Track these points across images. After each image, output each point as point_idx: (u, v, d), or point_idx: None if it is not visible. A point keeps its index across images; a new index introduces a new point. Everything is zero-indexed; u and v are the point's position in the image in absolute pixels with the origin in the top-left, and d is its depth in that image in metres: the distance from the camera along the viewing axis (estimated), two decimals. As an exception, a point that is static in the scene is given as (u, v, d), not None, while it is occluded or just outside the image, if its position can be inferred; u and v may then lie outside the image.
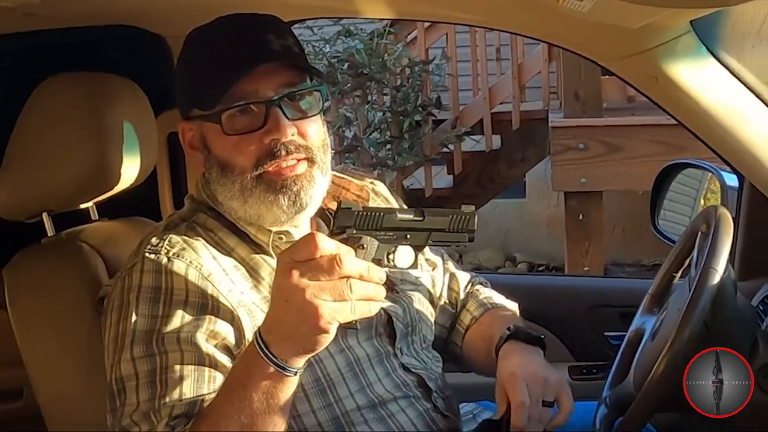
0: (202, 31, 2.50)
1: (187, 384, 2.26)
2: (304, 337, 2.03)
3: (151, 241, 2.44)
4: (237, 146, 2.42)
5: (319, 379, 2.45)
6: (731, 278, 2.45)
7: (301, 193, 2.45)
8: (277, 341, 2.06)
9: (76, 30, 3.32)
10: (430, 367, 2.71)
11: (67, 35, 3.35)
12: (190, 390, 2.26)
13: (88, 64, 3.02)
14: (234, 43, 2.42)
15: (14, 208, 2.93)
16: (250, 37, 2.44)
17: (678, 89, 2.99)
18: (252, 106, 2.41)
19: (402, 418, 2.56)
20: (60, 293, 2.78)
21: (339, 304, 1.98)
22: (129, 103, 3.00)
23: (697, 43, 2.96)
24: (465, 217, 2.22)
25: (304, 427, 2.45)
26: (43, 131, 2.86)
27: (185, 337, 2.31)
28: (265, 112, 2.40)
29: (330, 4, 3.46)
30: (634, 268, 9.94)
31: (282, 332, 2.05)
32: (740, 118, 2.98)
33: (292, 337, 2.05)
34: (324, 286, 1.96)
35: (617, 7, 2.46)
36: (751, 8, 3.08)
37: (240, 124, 2.41)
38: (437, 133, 10.46)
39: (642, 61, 2.99)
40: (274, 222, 2.50)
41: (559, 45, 3.39)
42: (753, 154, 2.97)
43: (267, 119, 2.40)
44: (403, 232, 2.18)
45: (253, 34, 2.44)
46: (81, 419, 2.73)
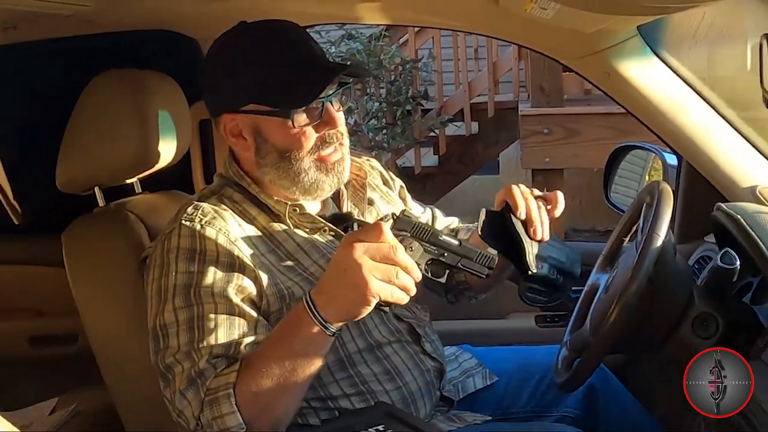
0: (249, 38, 2.48)
1: (221, 330, 2.29)
2: (350, 305, 2.16)
3: (187, 211, 2.45)
4: (297, 137, 2.43)
5: None
6: (671, 242, 2.45)
7: (342, 174, 2.53)
8: (325, 303, 2.17)
9: (123, 34, 3.33)
10: (419, 317, 2.70)
11: (115, 38, 3.37)
12: (224, 335, 2.29)
13: (132, 63, 3.01)
14: (300, 53, 2.45)
15: (72, 182, 2.95)
16: (311, 49, 2.47)
17: (627, 84, 3.01)
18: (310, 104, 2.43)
19: (395, 359, 2.57)
20: (109, 255, 2.79)
21: (385, 285, 2.12)
22: (166, 95, 3.00)
23: (643, 44, 2.98)
24: (489, 256, 2.32)
25: None
26: (95, 119, 2.88)
27: (218, 291, 2.33)
28: (322, 108, 2.43)
29: (335, 13, 3.46)
30: (590, 233, 9.92)
31: (331, 296, 2.18)
32: (679, 108, 2.99)
33: (339, 302, 2.17)
34: (378, 266, 2.10)
35: (575, 14, 2.48)
36: (688, 16, 3.09)
37: (302, 119, 2.43)
38: (425, 120, 10.56)
39: (596, 60, 3.01)
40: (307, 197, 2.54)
41: (527, 46, 3.39)
42: (690, 138, 2.99)
43: (323, 113, 2.43)
44: (443, 250, 2.31)
45: (309, 46, 2.47)
46: (127, 359, 2.73)
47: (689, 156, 3.02)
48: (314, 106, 2.43)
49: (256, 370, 2.23)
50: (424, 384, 2.61)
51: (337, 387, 2.50)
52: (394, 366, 2.56)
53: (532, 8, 2.51)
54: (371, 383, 2.52)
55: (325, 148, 2.46)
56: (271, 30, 2.48)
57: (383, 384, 2.53)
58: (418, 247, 2.29)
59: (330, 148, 2.47)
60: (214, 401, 2.23)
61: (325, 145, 2.46)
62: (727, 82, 3.10)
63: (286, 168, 2.47)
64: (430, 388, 2.63)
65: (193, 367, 2.28)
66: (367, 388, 2.51)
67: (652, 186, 2.50)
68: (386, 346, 2.57)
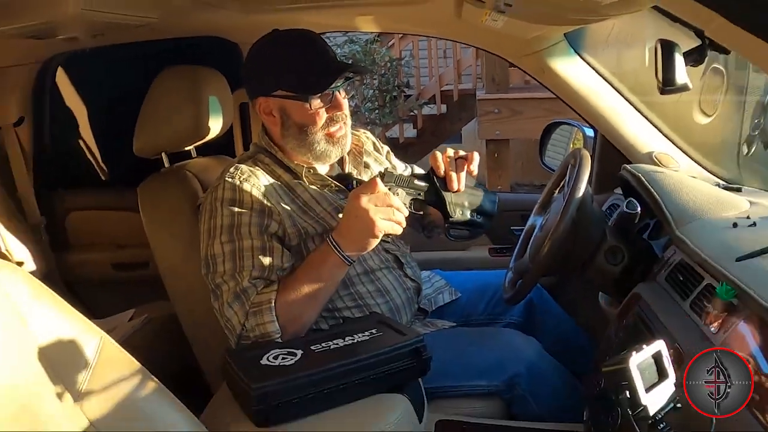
0: (280, 42, 2.49)
1: (257, 259, 2.35)
2: (363, 240, 2.30)
3: (230, 170, 2.47)
4: (313, 116, 2.45)
5: None
6: (589, 193, 2.44)
7: (345, 146, 2.54)
8: (345, 241, 2.32)
9: (182, 39, 3.33)
10: (402, 250, 2.73)
11: (176, 42, 3.36)
12: (259, 263, 2.35)
13: (189, 60, 3.01)
14: (317, 54, 2.46)
15: (145, 149, 2.96)
16: (326, 51, 2.48)
17: (557, 76, 3.00)
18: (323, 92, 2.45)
19: (385, 281, 2.60)
20: (172, 203, 2.79)
21: (387, 222, 2.26)
22: (214, 85, 3.00)
23: (568, 47, 2.98)
24: None
25: None
26: (162, 102, 2.90)
27: (254, 230, 2.37)
28: (332, 95, 2.45)
29: (340, 23, 3.47)
30: (529, 187, 9.90)
31: (349, 236, 2.31)
32: (595, 94, 2.99)
33: (356, 239, 2.31)
34: (379, 209, 2.24)
35: (518, 24, 2.49)
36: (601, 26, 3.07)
37: (317, 103, 2.44)
38: (407, 103, 10.64)
39: (534, 58, 3.00)
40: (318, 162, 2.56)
41: (483, 48, 3.37)
42: (603, 116, 2.99)
43: (332, 99, 2.45)
44: (419, 190, 2.43)
45: (324, 49, 2.48)
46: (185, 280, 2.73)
47: (603, 129, 3.02)
48: (326, 94, 2.44)
49: (291, 290, 2.32)
50: (406, 299, 2.63)
51: (341, 301, 2.54)
52: (384, 286, 2.59)
53: (486, 20, 2.55)
54: (366, 298, 2.56)
55: (332, 126, 2.47)
56: (297, 35, 2.48)
57: (375, 299, 2.57)
58: (401, 192, 2.38)
59: (336, 126, 2.48)
60: (258, 312, 2.30)
61: (333, 123, 2.47)
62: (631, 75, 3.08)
63: (303, 139, 2.48)
64: (410, 302, 2.66)
65: (237, 285, 2.33)
66: (363, 302, 2.55)
67: (575, 152, 2.49)
68: (378, 270, 2.60)
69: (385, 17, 3.27)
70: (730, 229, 2.15)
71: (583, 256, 2.46)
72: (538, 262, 2.39)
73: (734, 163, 2.93)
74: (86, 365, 1.77)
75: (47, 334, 1.72)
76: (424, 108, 10.63)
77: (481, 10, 2.47)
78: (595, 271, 2.48)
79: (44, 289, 1.79)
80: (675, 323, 2.02)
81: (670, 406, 1.44)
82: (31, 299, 1.73)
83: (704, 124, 3.00)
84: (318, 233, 2.46)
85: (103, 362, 1.79)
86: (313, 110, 2.44)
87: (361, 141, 2.79)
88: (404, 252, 2.74)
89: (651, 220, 2.64)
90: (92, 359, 1.78)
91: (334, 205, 2.51)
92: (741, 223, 2.16)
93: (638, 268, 2.45)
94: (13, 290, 1.70)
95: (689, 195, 2.40)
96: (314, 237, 2.47)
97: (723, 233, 2.14)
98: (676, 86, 2.02)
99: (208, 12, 2.82)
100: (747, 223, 2.17)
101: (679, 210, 2.34)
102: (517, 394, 2.46)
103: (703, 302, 1.96)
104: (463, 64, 10.21)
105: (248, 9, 2.83)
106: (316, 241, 2.46)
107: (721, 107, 2.98)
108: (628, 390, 1.39)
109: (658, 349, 1.45)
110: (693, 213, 2.32)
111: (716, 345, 1.79)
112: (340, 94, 2.48)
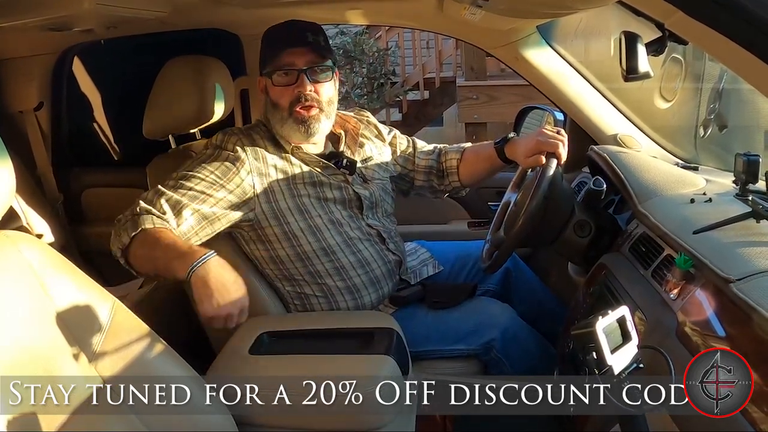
0: (274, 29, 2.53)
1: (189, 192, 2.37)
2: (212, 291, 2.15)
3: (224, 129, 2.56)
4: (281, 94, 2.48)
5: (310, 227, 2.49)
6: (560, 171, 2.45)
7: (311, 126, 2.49)
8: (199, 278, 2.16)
9: (188, 31, 3.32)
10: (387, 226, 2.69)
11: (183, 34, 3.36)
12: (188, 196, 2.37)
13: (194, 51, 3.03)
14: (288, 36, 2.48)
15: (153, 131, 2.98)
16: (297, 33, 2.48)
17: (530, 65, 3.00)
18: (289, 71, 2.47)
19: (366, 253, 2.58)
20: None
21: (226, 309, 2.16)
22: (217, 73, 3.01)
23: (540, 38, 2.98)
24: None
25: (306, 254, 2.51)
26: (170, 89, 2.93)
27: (211, 177, 2.40)
28: (297, 75, 2.45)
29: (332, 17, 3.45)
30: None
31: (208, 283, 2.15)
32: (564, 81, 2.99)
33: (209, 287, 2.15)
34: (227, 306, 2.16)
35: (494, 17, 2.48)
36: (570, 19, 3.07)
37: (284, 81, 2.47)
38: (393, 90, 10.57)
39: (509, 48, 3.00)
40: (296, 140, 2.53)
41: (462, 39, 3.37)
42: (572, 101, 2.99)
43: (297, 80, 2.45)
44: None
45: (299, 32, 2.48)
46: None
47: (571, 113, 3.02)
48: (292, 74, 2.47)
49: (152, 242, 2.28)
50: (386, 271, 2.62)
51: (325, 270, 2.53)
52: (365, 257, 2.58)
53: (465, 14, 2.54)
54: (348, 270, 2.55)
55: (298, 105, 2.47)
56: (284, 26, 2.52)
57: (356, 269, 2.56)
58: None
59: (300, 104, 2.47)
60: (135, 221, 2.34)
61: (299, 103, 2.46)
62: (597, 63, 3.08)
63: (276, 116, 2.52)
64: (391, 274, 2.64)
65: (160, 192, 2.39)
66: (346, 274, 2.55)
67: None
68: (360, 242, 2.58)
69: (374, 11, 3.28)
70: (688, 204, 2.17)
71: (554, 228, 2.46)
72: (512, 235, 2.39)
73: (692, 145, 2.93)
74: (100, 328, 1.78)
75: (65, 300, 1.73)
76: (409, 94, 10.57)
77: (461, 5, 2.46)
78: (565, 243, 2.48)
79: (62, 260, 1.81)
80: (638, 290, 2.04)
81: (633, 366, 1.44)
82: (50, 268, 1.74)
83: (664, 109, 3.00)
84: (290, 208, 2.48)
85: (116, 326, 1.81)
86: (279, 88, 2.49)
87: (359, 124, 2.76)
88: (388, 228, 2.70)
89: (616, 197, 2.65)
90: (106, 323, 1.79)
91: (315, 181, 2.52)
92: (698, 199, 2.18)
93: (604, 240, 2.46)
94: (34, 260, 1.72)
95: (650, 173, 2.41)
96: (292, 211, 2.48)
97: (681, 208, 2.16)
98: (638, 74, 2.02)
99: (213, 7, 2.81)
100: (703, 199, 2.18)
101: (641, 187, 2.35)
102: (493, 357, 2.49)
103: (663, 271, 1.98)
104: (444, 54, 10.17)
105: (248, 4, 2.82)
106: (295, 214, 2.48)
107: (680, 93, 2.98)
108: (594, 351, 1.39)
109: (623, 314, 1.45)
110: (654, 190, 2.33)
111: (676, 310, 1.81)
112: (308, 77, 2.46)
